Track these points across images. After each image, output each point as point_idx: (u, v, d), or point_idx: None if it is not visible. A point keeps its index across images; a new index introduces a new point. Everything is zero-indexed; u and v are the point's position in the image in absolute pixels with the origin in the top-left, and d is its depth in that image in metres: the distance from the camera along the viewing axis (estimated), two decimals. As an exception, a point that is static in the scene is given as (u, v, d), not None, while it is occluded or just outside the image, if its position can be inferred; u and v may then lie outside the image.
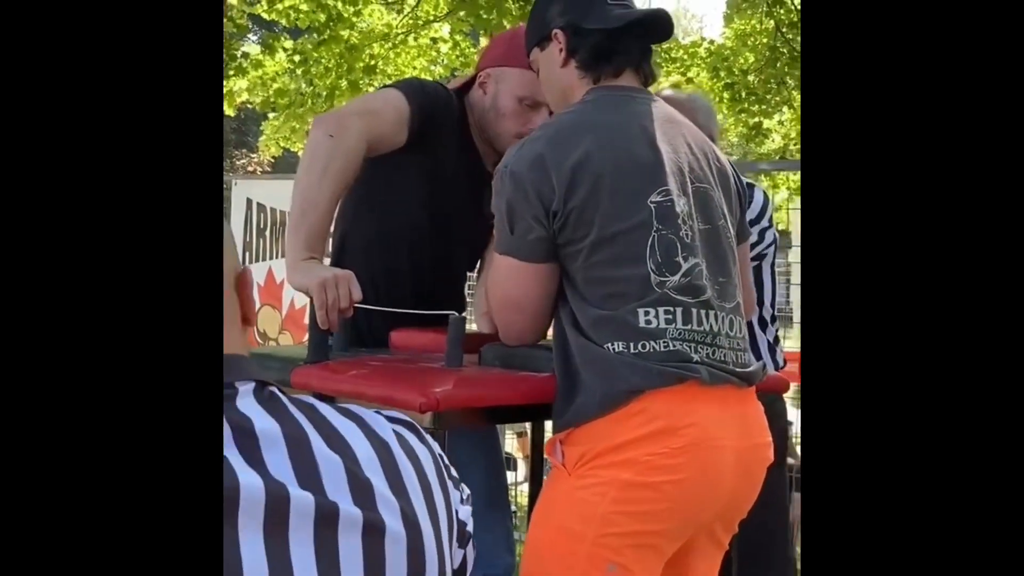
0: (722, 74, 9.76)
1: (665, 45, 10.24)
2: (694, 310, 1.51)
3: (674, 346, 1.48)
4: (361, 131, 1.73)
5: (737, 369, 1.54)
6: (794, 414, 3.70)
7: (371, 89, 9.44)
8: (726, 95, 9.81)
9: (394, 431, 0.82)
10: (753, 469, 1.57)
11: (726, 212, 1.64)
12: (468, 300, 2.41)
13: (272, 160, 14.54)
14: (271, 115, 10.15)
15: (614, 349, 1.48)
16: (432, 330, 1.73)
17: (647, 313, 1.49)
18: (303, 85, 9.28)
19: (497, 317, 1.65)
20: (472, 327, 2.05)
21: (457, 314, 1.59)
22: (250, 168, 15.45)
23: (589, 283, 1.52)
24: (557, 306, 1.57)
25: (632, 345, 1.48)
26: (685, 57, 10.11)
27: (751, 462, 1.56)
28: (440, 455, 0.86)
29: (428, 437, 0.86)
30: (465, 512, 0.89)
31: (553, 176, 1.51)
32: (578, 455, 1.49)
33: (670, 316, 1.49)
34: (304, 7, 8.43)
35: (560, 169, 1.51)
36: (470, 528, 0.90)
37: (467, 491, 0.92)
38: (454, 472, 0.90)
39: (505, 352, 1.65)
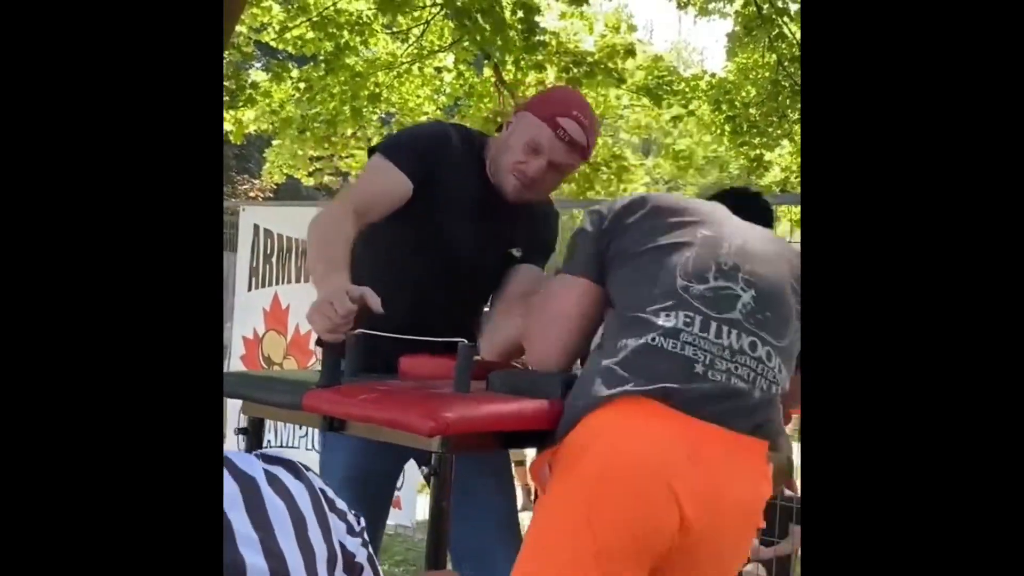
0: (724, 107, 9.81)
1: (667, 77, 10.31)
2: (713, 323, 1.52)
3: (684, 352, 1.50)
4: (349, 214, 1.81)
5: (734, 389, 1.50)
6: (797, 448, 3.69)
7: (374, 117, 9.52)
8: (727, 128, 9.86)
9: (264, 469, 0.86)
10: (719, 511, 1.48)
11: (795, 304, 1.62)
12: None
13: (275, 186, 14.58)
14: (274, 142, 10.20)
15: (618, 347, 1.52)
16: (441, 357, 1.76)
17: (668, 316, 1.52)
18: (307, 112, 9.34)
19: (538, 332, 1.71)
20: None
21: (467, 342, 1.62)
22: (252, 194, 15.48)
23: (620, 291, 1.60)
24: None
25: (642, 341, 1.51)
26: (687, 90, 10.17)
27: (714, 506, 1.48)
28: (321, 489, 0.90)
29: (307, 473, 0.90)
30: (354, 543, 0.92)
31: (617, 213, 1.67)
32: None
33: (688, 320, 1.52)
34: (311, 36, 8.51)
35: (613, 207, 1.68)
36: (360, 559, 0.93)
37: (360, 523, 0.96)
38: (340, 505, 0.94)
39: (513, 379, 1.68)
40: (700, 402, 1.48)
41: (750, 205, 1.81)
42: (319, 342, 1.75)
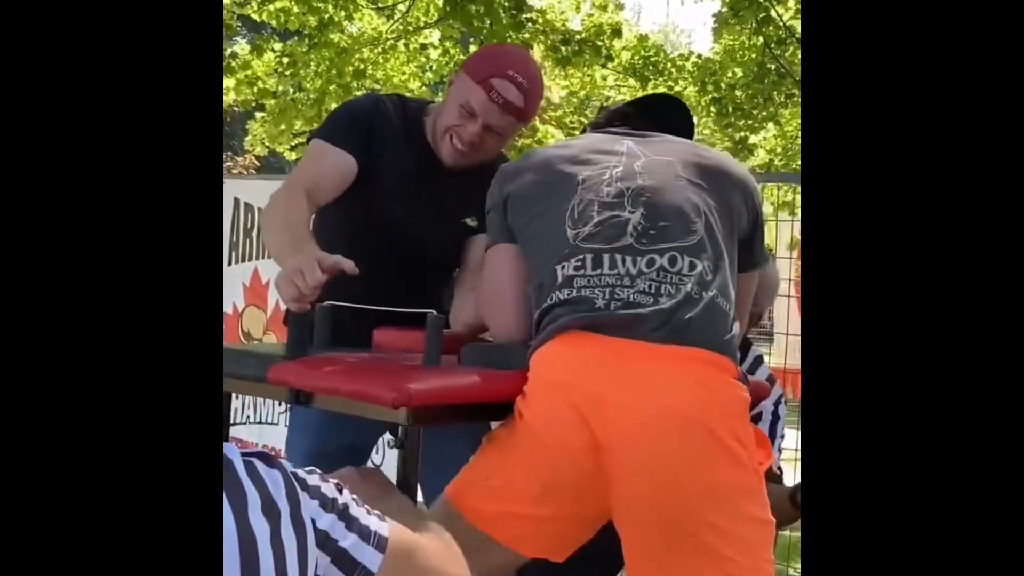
0: (709, 88, 9.80)
1: (654, 58, 10.29)
2: (606, 256, 1.51)
3: (581, 293, 1.50)
4: (300, 195, 1.80)
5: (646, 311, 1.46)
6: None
7: (360, 93, 9.46)
8: (713, 109, 9.86)
9: (242, 456, 0.96)
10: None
11: (711, 207, 1.58)
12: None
13: (257, 160, 14.50)
14: (258, 115, 10.13)
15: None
16: (414, 329, 1.73)
17: (563, 268, 1.53)
18: (291, 89, 9.27)
19: (487, 310, 1.71)
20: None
21: (436, 313, 1.59)
22: (235, 171, 15.39)
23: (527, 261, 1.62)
24: None
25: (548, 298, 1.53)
26: (673, 70, 10.16)
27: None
28: (293, 473, 0.99)
29: (279, 461, 0.99)
30: (328, 519, 1.00)
31: (501, 178, 1.68)
32: None
33: (579, 264, 1.52)
34: (295, 10, 8.43)
35: (505, 171, 1.70)
36: (333, 534, 1.01)
37: (341, 494, 1.05)
38: (312, 481, 1.02)
39: (484, 351, 1.66)
40: (602, 328, 1.47)
41: (667, 111, 1.79)
42: (286, 319, 1.72)
